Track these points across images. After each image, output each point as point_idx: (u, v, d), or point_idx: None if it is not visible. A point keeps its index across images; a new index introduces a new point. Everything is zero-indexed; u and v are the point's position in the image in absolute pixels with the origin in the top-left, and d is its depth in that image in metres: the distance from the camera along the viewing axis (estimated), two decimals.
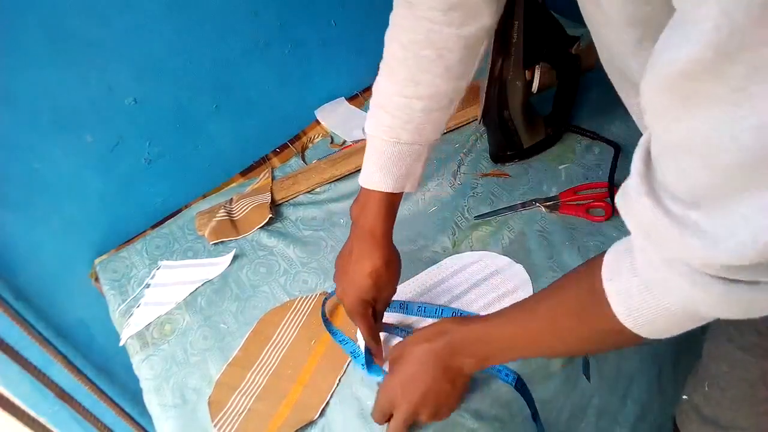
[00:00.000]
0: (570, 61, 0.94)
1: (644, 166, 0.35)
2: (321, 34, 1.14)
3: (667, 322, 0.40)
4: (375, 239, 0.68)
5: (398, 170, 0.67)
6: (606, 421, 0.85)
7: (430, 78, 0.64)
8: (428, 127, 0.67)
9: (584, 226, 0.86)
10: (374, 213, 0.68)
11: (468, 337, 0.57)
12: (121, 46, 0.93)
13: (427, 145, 0.69)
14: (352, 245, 0.71)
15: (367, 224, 0.69)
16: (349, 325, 0.81)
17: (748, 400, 0.64)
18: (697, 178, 0.30)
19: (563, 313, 0.50)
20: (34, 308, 1.04)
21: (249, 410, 0.76)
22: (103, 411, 1.16)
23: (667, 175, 0.32)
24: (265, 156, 1.18)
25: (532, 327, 0.53)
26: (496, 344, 0.56)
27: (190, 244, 1.03)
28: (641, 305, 0.40)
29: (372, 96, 0.69)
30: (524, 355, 0.57)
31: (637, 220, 0.37)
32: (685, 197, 0.32)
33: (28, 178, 0.95)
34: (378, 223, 0.68)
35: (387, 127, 0.66)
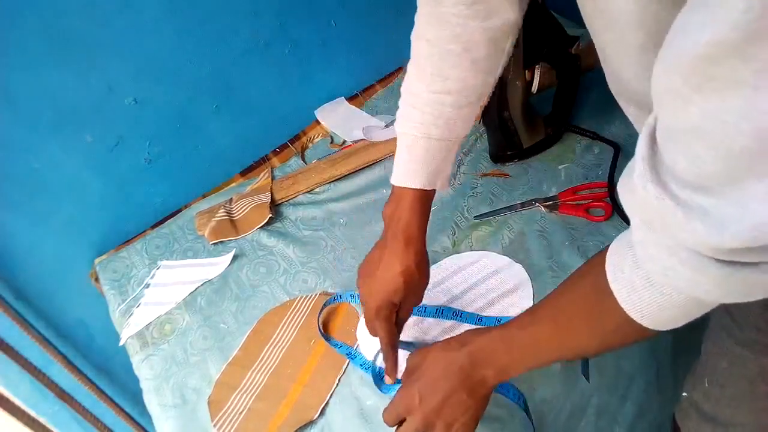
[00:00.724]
0: (570, 61, 0.94)
1: (649, 152, 0.34)
2: (321, 34, 1.14)
3: (672, 312, 0.41)
4: (409, 237, 0.67)
5: (430, 166, 0.67)
6: (605, 421, 0.85)
7: (458, 72, 0.64)
8: (458, 122, 0.67)
9: (584, 225, 0.86)
10: (408, 210, 0.67)
11: (488, 346, 0.57)
12: (121, 46, 0.93)
13: (457, 141, 0.69)
14: (384, 245, 0.69)
15: (401, 222, 0.67)
16: (345, 337, 0.82)
17: (748, 396, 0.64)
18: (708, 163, 0.30)
19: (574, 313, 0.50)
20: (34, 308, 1.04)
21: (249, 410, 0.76)
22: (103, 411, 1.16)
23: (676, 161, 0.32)
24: (265, 156, 1.18)
25: (547, 331, 0.53)
26: (515, 352, 0.56)
27: (190, 244, 1.04)
28: (646, 298, 0.41)
29: (401, 96, 0.69)
30: (542, 361, 0.56)
31: (640, 208, 0.37)
32: (694, 182, 0.32)
33: (28, 178, 0.95)
34: (413, 220, 0.67)
35: (418, 123, 0.66)
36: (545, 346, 0.54)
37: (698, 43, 0.26)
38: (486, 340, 0.57)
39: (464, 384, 0.57)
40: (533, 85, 0.92)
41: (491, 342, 0.57)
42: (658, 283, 0.40)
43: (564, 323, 0.52)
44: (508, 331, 0.56)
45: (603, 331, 0.48)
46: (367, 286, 0.69)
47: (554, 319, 0.52)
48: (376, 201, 1.02)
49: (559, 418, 0.76)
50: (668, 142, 0.33)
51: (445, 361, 0.59)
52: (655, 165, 0.34)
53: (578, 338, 0.51)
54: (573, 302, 0.51)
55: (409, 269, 0.67)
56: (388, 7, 1.20)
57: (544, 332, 0.53)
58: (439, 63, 0.64)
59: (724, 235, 0.31)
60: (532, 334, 0.54)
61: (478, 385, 0.57)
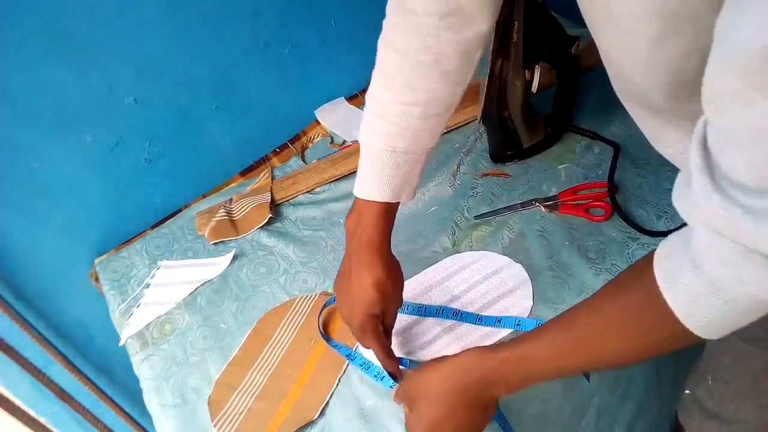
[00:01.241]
0: (570, 61, 0.94)
1: (704, 162, 0.34)
2: (321, 34, 1.14)
3: (734, 318, 0.40)
4: (373, 250, 0.66)
5: (395, 180, 0.66)
6: (605, 420, 0.85)
7: (427, 84, 0.63)
8: (425, 134, 0.66)
9: (584, 225, 0.86)
10: (372, 224, 0.66)
11: (498, 371, 0.55)
12: (121, 46, 0.93)
13: (423, 152, 0.68)
14: (350, 261, 0.68)
15: (364, 236, 0.66)
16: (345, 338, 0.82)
17: (752, 392, 0.64)
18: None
19: (616, 324, 0.47)
20: (34, 308, 1.04)
21: (249, 410, 0.76)
22: (103, 411, 1.16)
23: (734, 166, 0.31)
24: (265, 156, 1.18)
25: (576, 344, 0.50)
26: (532, 369, 0.53)
27: (190, 244, 1.04)
28: (708, 306, 0.39)
29: (366, 104, 0.68)
30: (568, 372, 0.54)
31: (707, 220, 0.36)
32: (756, 186, 0.31)
33: (28, 178, 0.95)
34: (376, 234, 0.66)
35: (384, 135, 0.65)
36: (574, 359, 0.51)
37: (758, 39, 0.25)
38: (495, 365, 0.55)
39: (475, 408, 0.57)
40: (533, 85, 0.92)
41: (502, 365, 0.55)
42: (726, 289, 0.38)
43: (600, 336, 0.49)
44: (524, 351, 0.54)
45: (647, 342, 0.46)
46: (345, 304, 0.68)
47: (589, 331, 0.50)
48: None
49: (560, 417, 0.76)
50: (726, 146, 0.32)
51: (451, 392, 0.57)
52: (714, 175, 0.33)
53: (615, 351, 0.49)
54: (613, 313, 0.48)
55: (380, 279, 0.66)
56: None
57: (573, 346, 0.51)
58: (410, 73, 0.63)
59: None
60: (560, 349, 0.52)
61: (491, 403, 0.58)
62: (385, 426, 0.70)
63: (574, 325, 0.51)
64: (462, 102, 1.10)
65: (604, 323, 0.49)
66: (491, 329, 0.76)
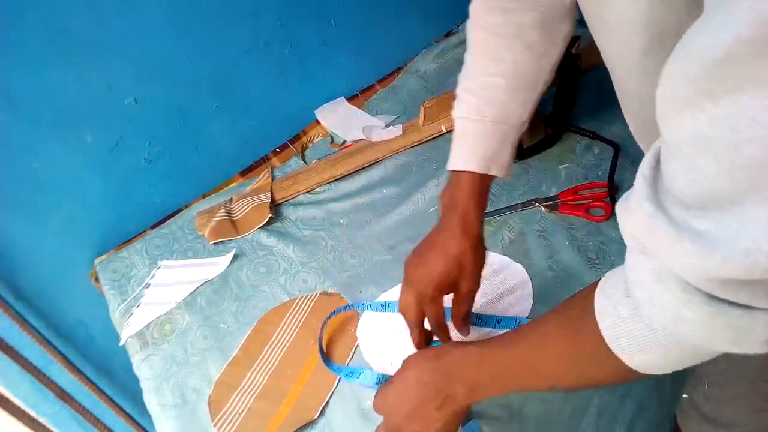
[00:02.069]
0: (570, 61, 0.94)
1: (651, 172, 0.33)
2: (321, 34, 1.14)
3: (655, 352, 0.38)
4: (467, 221, 0.64)
5: (484, 150, 0.65)
6: (606, 420, 0.85)
7: (512, 55, 0.64)
8: (513, 107, 0.65)
9: (584, 225, 0.86)
10: (464, 196, 0.65)
11: (463, 360, 0.54)
12: (121, 46, 0.93)
13: (513, 127, 0.66)
14: (439, 231, 0.66)
15: (458, 209, 0.65)
16: (345, 337, 0.82)
17: (749, 397, 0.64)
18: (710, 177, 0.28)
19: (555, 337, 0.47)
20: (34, 308, 1.04)
21: (249, 410, 0.76)
22: (103, 411, 1.16)
23: (675, 179, 0.31)
24: (265, 156, 1.18)
25: (522, 353, 0.50)
26: (487, 370, 0.52)
27: (190, 244, 1.04)
28: (630, 329, 0.38)
29: (459, 84, 0.68)
30: (514, 385, 0.52)
31: (634, 228, 0.35)
32: (692, 202, 0.30)
33: (28, 178, 0.95)
34: (469, 206, 0.64)
35: (473, 107, 0.65)
36: (518, 369, 0.51)
37: (715, 45, 0.25)
38: (460, 353, 0.55)
39: (434, 396, 0.55)
40: None
41: (465, 356, 0.54)
42: (645, 315, 0.36)
43: (541, 347, 0.48)
44: (483, 347, 0.53)
45: (579, 360, 0.45)
46: (417, 269, 0.66)
47: (532, 342, 0.49)
48: (376, 201, 1.02)
49: (561, 417, 0.76)
50: (670, 157, 0.31)
51: (418, 369, 0.57)
52: (655, 184, 0.33)
53: (553, 366, 0.48)
54: (554, 326, 0.48)
55: (465, 253, 0.64)
56: (388, 7, 1.20)
57: (518, 354, 0.50)
58: (494, 47, 0.64)
59: (714, 258, 0.28)
60: (507, 354, 0.51)
61: (448, 401, 0.55)
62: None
63: (521, 335, 0.51)
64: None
65: (545, 336, 0.48)
66: (491, 329, 0.75)
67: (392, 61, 1.28)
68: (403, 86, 1.25)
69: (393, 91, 1.25)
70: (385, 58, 1.26)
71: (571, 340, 0.45)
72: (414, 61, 1.29)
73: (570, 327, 0.45)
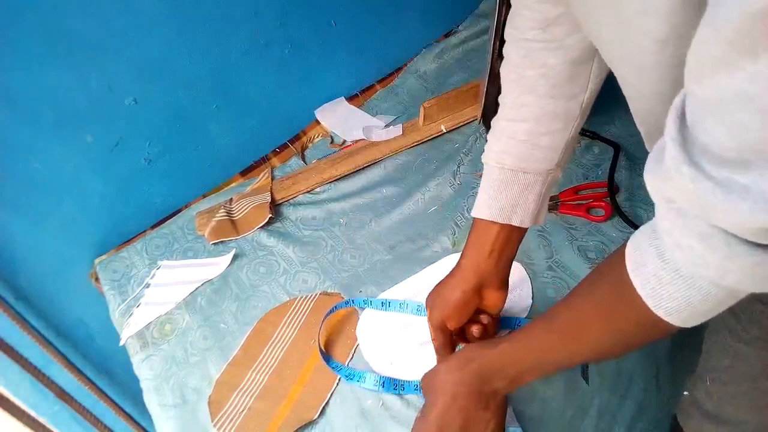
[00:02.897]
0: None
1: (679, 135, 0.33)
2: (321, 34, 1.14)
3: (701, 306, 0.39)
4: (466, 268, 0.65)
5: (503, 198, 0.63)
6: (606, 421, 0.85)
7: (534, 99, 0.60)
8: (536, 153, 0.62)
9: (584, 225, 0.87)
10: (473, 241, 0.65)
11: (498, 362, 0.55)
12: (121, 46, 0.93)
13: (536, 173, 0.62)
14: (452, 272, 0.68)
15: (464, 252, 0.66)
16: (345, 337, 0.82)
17: (750, 393, 0.64)
18: (754, 130, 0.29)
19: (593, 314, 0.48)
20: (34, 308, 1.04)
21: (249, 410, 0.76)
22: (103, 411, 1.16)
23: (714, 136, 0.31)
24: (265, 156, 1.18)
25: (561, 337, 0.51)
26: (527, 362, 0.54)
27: (190, 244, 1.04)
28: (672, 291, 0.39)
29: None
30: (558, 365, 0.54)
31: (674, 193, 0.35)
32: (734, 156, 0.30)
33: (28, 178, 0.95)
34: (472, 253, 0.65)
35: (494, 153, 0.63)
36: (561, 351, 0.52)
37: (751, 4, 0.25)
38: (495, 356, 0.56)
39: (478, 400, 0.56)
40: None
41: (501, 357, 0.55)
42: (686, 275, 0.38)
43: (580, 327, 0.50)
44: (516, 342, 0.55)
45: (622, 331, 0.46)
46: (433, 299, 0.68)
47: (570, 323, 0.50)
48: (376, 201, 1.02)
49: (563, 417, 0.76)
50: (705, 116, 0.31)
51: (453, 385, 0.57)
52: (687, 146, 0.33)
53: (596, 341, 0.49)
54: (590, 303, 0.48)
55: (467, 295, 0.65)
56: (388, 7, 1.20)
57: (558, 339, 0.52)
58: (518, 90, 0.61)
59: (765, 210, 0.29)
60: (544, 342, 0.52)
61: (492, 397, 0.57)
62: (385, 426, 0.70)
63: (556, 319, 0.52)
64: (462, 102, 1.11)
65: (582, 315, 0.49)
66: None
67: (392, 61, 1.28)
68: (403, 86, 1.25)
69: (393, 91, 1.25)
70: (385, 58, 1.26)
71: (610, 314, 0.46)
72: (414, 61, 1.29)
73: (606, 301, 0.46)
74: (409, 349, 0.77)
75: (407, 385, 0.73)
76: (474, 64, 1.24)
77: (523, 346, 0.54)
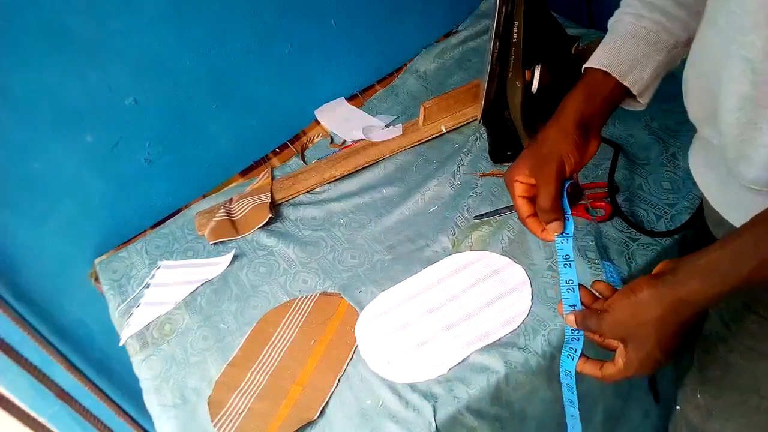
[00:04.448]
0: (570, 61, 0.94)
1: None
2: (321, 34, 1.14)
3: None
4: (559, 119, 0.62)
5: (625, 53, 0.60)
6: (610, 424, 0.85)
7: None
8: (668, 24, 0.60)
9: (584, 225, 0.86)
10: (575, 91, 0.62)
11: (709, 295, 0.46)
12: (121, 46, 0.93)
13: (665, 42, 0.60)
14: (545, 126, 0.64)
15: (566, 103, 0.62)
16: (346, 337, 0.82)
17: (740, 408, 0.62)
18: None
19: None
20: (34, 308, 1.04)
21: (249, 410, 0.76)
22: (103, 411, 1.16)
23: None
24: (265, 156, 1.18)
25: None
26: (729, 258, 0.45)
27: (190, 244, 1.04)
28: None
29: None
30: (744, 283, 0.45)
31: None
32: None
33: (28, 178, 0.95)
34: (569, 102, 0.62)
35: (631, 8, 0.61)
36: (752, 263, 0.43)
37: None
38: (717, 289, 0.46)
39: (683, 333, 0.49)
40: (533, 85, 0.92)
41: (703, 257, 0.46)
42: None
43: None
44: (708, 258, 0.46)
45: None
46: (530, 161, 0.63)
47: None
48: (376, 201, 1.02)
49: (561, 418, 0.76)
50: None
51: (675, 326, 0.48)
52: None
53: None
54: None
55: (558, 141, 0.61)
56: (388, 7, 1.20)
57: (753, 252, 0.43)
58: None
59: None
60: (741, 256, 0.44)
61: (687, 324, 0.49)
62: (385, 426, 0.70)
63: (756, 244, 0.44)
64: (462, 102, 1.11)
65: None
66: (491, 329, 0.76)
67: (392, 61, 1.28)
68: (403, 86, 1.25)
69: (393, 91, 1.25)
70: (385, 58, 1.26)
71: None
72: (414, 61, 1.29)
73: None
74: (407, 349, 0.77)
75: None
76: (474, 64, 1.24)
77: (730, 242, 0.45)
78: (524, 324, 0.76)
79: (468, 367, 0.73)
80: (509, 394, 0.72)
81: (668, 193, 0.85)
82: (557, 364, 0.74)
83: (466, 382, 0.71)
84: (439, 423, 0.68)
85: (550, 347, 0.73)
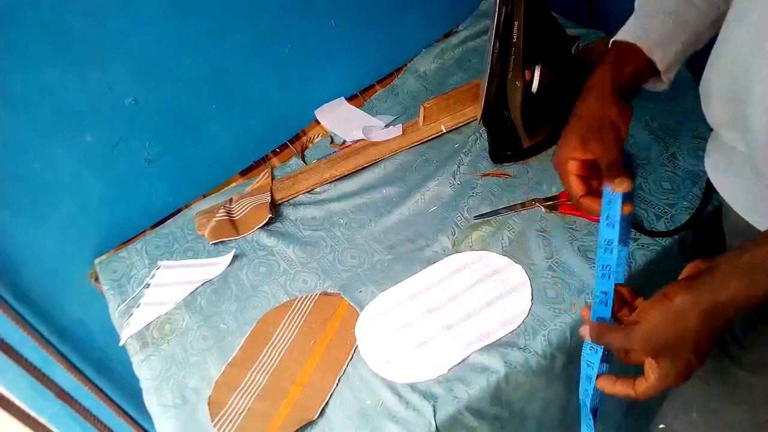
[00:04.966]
0: (570, 61, 0.94)
1: None
2: (321, 34, 1.14)
3: None
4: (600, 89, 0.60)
5: (656, 24, 0.59)
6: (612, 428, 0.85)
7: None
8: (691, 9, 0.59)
9: (584, 225, 0.86)
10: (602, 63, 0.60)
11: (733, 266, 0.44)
12: (121, 46, 0.93)
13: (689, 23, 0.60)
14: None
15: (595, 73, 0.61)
16: (346, 337, 0.82)
17: (747, 424, 0.59)
18: None
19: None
20: (34, 308, 1.04)
21: (249, 410, 0.76)
22: (103, 411, 1.16)
23: None
24: (265, 156, 1.18)
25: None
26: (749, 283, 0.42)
27: (190, 244, 1.04)
28: None
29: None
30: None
31: None
32: None
33: (28, 177, 0.95)
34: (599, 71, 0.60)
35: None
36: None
37: None
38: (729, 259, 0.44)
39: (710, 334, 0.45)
40: (533, 85, 0.92)
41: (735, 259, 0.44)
42: None
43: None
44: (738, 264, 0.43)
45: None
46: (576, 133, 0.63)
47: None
48: (375, 201, 1.02)
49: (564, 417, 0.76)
50: None
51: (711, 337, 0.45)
52: None
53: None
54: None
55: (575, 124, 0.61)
56: (388, 7, 1.20)
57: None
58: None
59: None
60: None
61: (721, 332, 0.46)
62: (385, 426, 0.70)
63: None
64: (462, 102, 1.11)
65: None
66: (491, 329, 0.76)
67: (392, 61, 1.28)
68: (403, 86, 1.25)
69: (393, 91, 1.25)
70: (385, 58, 1.26)
71: None
72: (414, 61, 1.29)
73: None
74: (407, 349, 0.77)
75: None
76: (474, 64, 1.24)
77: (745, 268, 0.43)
78: (524, 324, 0.76)
79: (468, 367, 0.73)
80: (509, 394, 0.72)
81: (668, 193, 0.85)
82: (557, 364, 0.74)
83: (466, 382, 0.71)
84: (439, 423, 0.68)
85: (550, 347, 0.73)
